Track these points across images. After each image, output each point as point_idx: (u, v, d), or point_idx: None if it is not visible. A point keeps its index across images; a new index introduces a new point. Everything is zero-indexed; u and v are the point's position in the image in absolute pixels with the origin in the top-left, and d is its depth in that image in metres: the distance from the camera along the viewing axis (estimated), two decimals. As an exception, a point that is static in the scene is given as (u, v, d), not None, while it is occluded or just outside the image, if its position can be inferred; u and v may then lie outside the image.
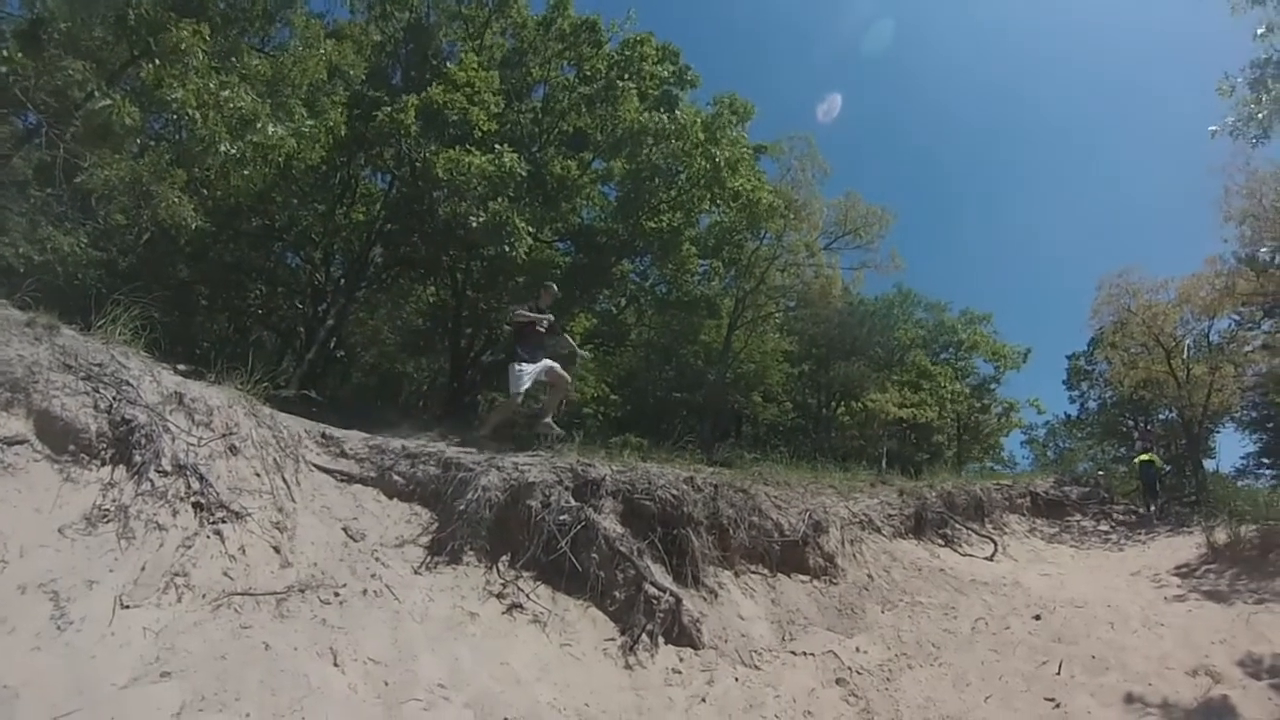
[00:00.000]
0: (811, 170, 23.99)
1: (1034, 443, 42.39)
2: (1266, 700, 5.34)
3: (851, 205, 25.41)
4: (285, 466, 5.81)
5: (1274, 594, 7.88)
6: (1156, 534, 13.02)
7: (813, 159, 24.06)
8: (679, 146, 15.65)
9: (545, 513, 6.47)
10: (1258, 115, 7.54)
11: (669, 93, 17.25)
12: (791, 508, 8.56)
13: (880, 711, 5.49)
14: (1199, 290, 20.17)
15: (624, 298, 19.38)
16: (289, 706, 3.60)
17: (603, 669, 5.38)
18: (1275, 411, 27.55)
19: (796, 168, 23.82)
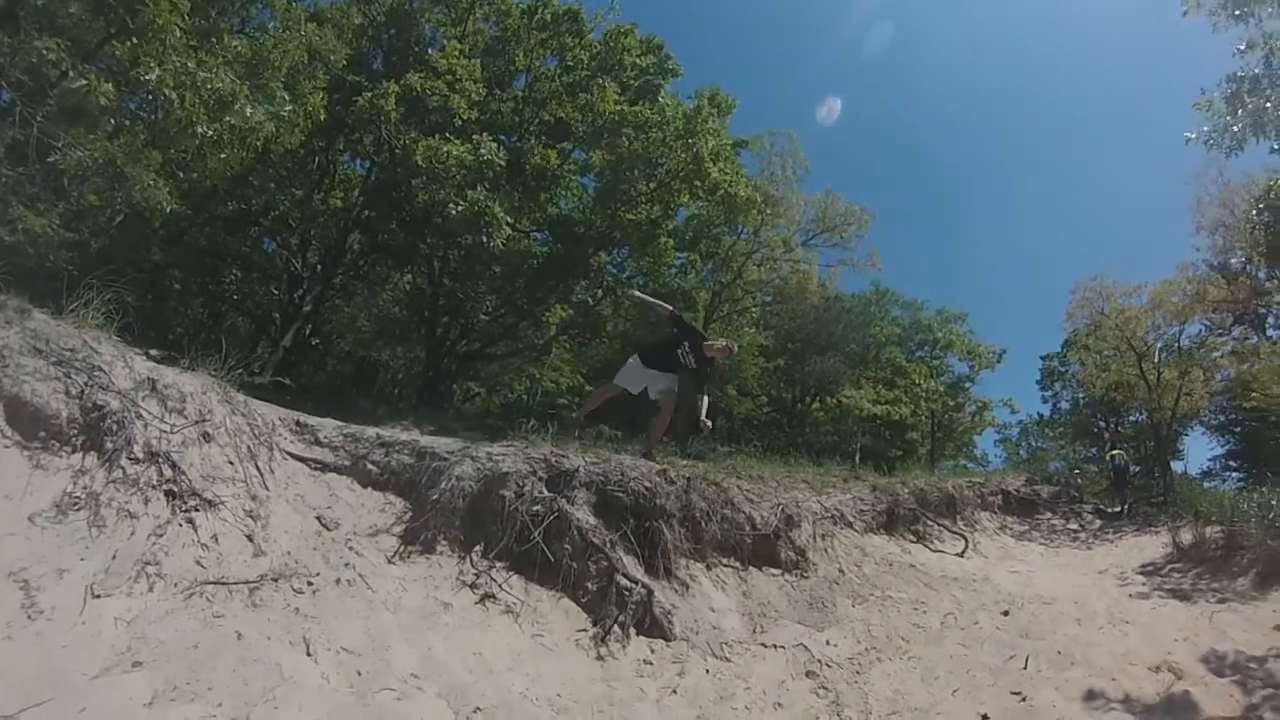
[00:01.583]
0: (792, 167, 24.05)
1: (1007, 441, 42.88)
2: (1228, 696, 5.47)
3: (830, 203, 25.50)
4: (259, 454, 5.77)
5: (1236, 593, 8.02)
6: (1124, 533, 13.22)
7: (793, 155, 24.11)
8: (659, 138, 15.66)
9: (519, 503, 6.48)
10: (1233, 127, 7.69)
11: (650, 82, 17.25)
12: (764, 501, 8.62)
13: (849, 704, 5.55)
14: (1171, 296, 20.55)
15: (600, 289, 19.39)
16: (261, 696, 3.59)
17: (574, 660, 5.41)
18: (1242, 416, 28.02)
19: (777, 163, 23.85)
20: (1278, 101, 7.46)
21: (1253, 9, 7.35)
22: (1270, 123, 7.51)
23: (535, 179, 16.68)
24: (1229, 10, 7.41)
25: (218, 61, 10.83)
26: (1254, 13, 7.36)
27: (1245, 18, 7.42)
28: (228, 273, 18.22)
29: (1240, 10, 7.37)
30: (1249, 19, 7.41)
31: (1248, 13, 7.37)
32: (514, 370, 25.24)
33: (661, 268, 18.64)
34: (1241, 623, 7.11)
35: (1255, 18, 7.40)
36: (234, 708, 3.47)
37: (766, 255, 22.63)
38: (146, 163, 10.34)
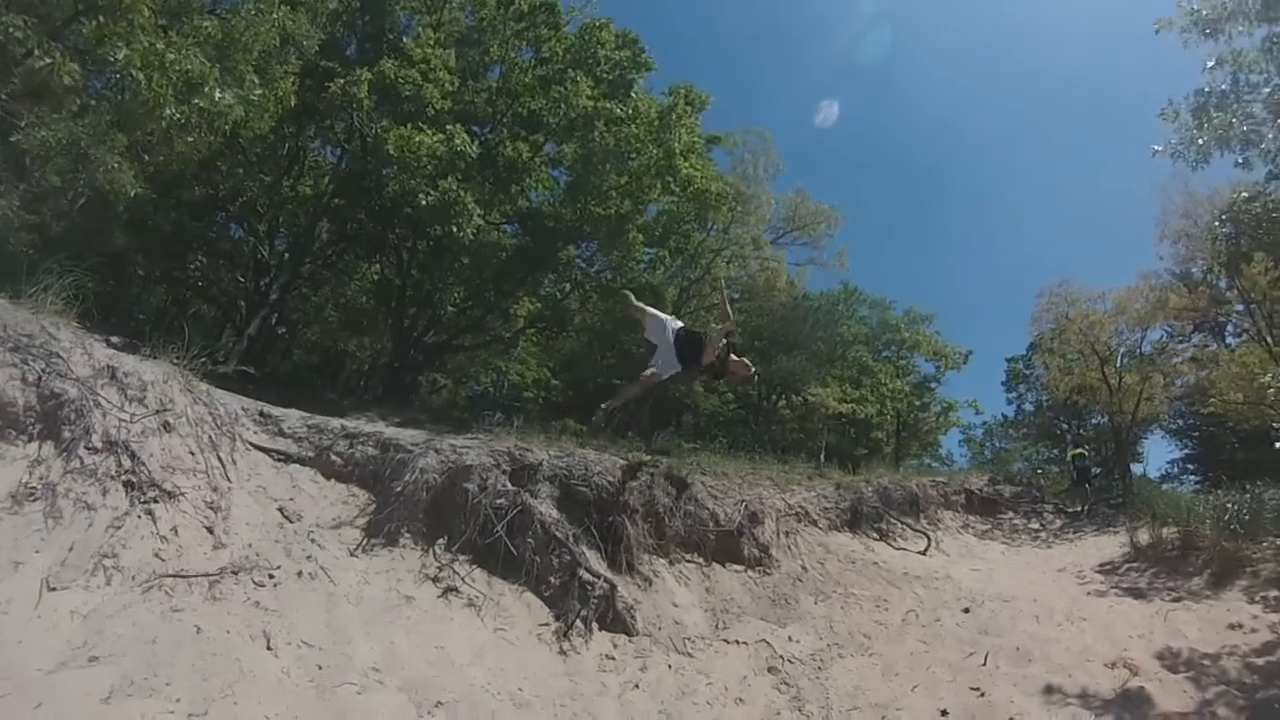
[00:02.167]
0: (764, 165, 24.14)
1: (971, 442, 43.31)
2: (1181, 693, 5.63)
3: (800, 202, 25.69)
4: (221, 445, 5.71)
5: (1191, 593, 8.19)
6: (1084, 533, 13.46)
7: (766, 154, 24.21)
8: (631, 133, 15.64)
9: (482, 496, 6.51)
10: (1198, 141, 7.86)
11: (624, 77, 17.20)
12: (728, 498, 8.69)
13: (810, 699, 5.64)
14: (1134, 303, 20.98)
15: (569, 283, 19.36)
16: (220, 691, 3.57)
17: (537, 654, 5.44)
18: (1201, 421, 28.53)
19: (749, 161, 23.94)
20: (1243, 117, 7.67)
21: (1223, 27, 7.53)
22: (1235, 137, 7.72)
23: (506, 171, 16.55)
24: (1199, 28, 7.59)
25: (187, 42, 10.60)
26: (1224, 30, 7.54)
27: (1215, 35, 7.60)
28: (193, 259, 17.77)
29: (1210, 29, 7.55)
30: (1219, 36, 7.60)
31: (1217, 30, 7.55)
32: (481, 363, 25.11)
33: (630, 262, 18.60)
34: (1196, 621, 7.28)
35: (1225, 35, 7.59)
36: (192, 702, 3.45)
37: (736, 252, 22.65)
38: (111, 144, 10.10)
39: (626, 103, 15.89)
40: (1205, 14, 7.60)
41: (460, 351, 21.64)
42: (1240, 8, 7.43)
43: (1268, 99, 7.62)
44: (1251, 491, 9.68)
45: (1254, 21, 7.44)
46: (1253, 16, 7.41)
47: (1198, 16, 7.60)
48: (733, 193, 19.36)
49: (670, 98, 17.54)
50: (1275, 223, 8.71)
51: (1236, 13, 7.45)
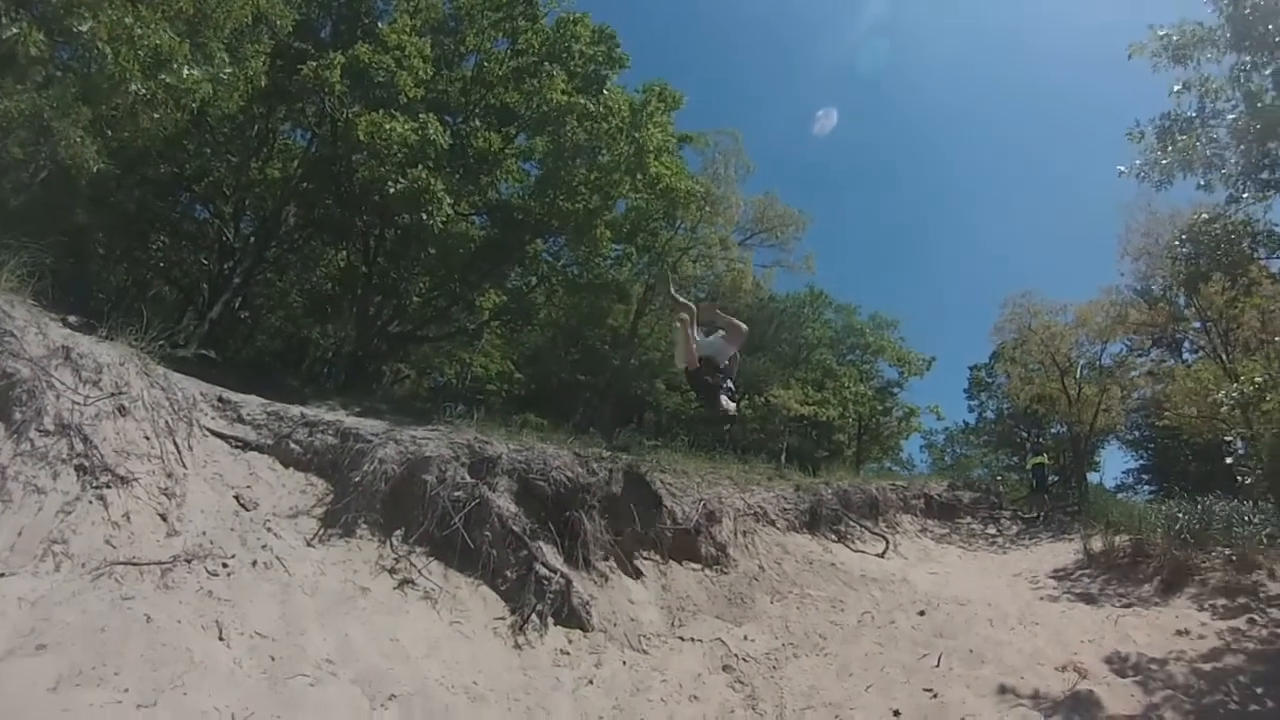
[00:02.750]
0: (734, 166, 24.14)
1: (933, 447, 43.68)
2: (1129, 696, 5.75)
3: (769, 204, 25.68)
4: (177, 430, 5.65)
5: (1141, 599, 8.37)
6: (1040, 539, 13.67)
7: (736, 155, 24.18)
8: (603, 128, 15.63)
9: (440, 488, 6.50)
10: (1162, 162, 8.04)
11: (597, 72, 17.14)
12: (686, 496, 8.74)
13: (765, 698, 5.70)
14: (1095, 316, 21.35)
15: (535, 276, 19.23)
16: (170, 681, 3.54)
17: (492, 648, 5.45)
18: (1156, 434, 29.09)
19: (720, 161, 23.90)
20: (1206, 142, 7.85)
21: (1192, 54, 7.71)
22: (1198, 160, 7.91)
23: (477, 162, 16.47)
24: (1169, 54, 7.76)
25: (156, 16, 10.39)
26: (1193, 57, 7.72)
27: (1184, 61, 7.77)
28: (155, 239, 17.45)
29: (1180, 55, 7.72)
30: (1187, 63, 7.77)
31: (1187, 57, 7.72)
32: (445, 354, 24.94)
33: (597, 258, 18.58)
34: (1145, 626, 7.43)
35: (1194, 61, 7.76)
36: (141, 693, 3.41)
37: (703, 252, 22.64)
38: (75, 118, 9.89)
39: (599, 98, 15.85)
40: (1176, 40, 7.77)
41: (424, 342, 21.49)
42: (1210, 36, 7.61)
43: (1231, 125, 7.80)
44: (1202, 503, 9.89)
45: (1223, 50, 7.62)
46: (1222, 45, 7.59)
47: (1169, 42, 7.75)
48: (702, 192, 19.38)
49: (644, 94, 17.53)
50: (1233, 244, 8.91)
51: (1206, 41, 7.62)
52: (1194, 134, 7.90)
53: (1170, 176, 8.17)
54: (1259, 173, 7.80)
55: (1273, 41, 7.18)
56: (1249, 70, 7.55)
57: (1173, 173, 8.12)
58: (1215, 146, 7.92)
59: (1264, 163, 7.74)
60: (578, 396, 25.70)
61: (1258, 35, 7.20)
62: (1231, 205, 8.56)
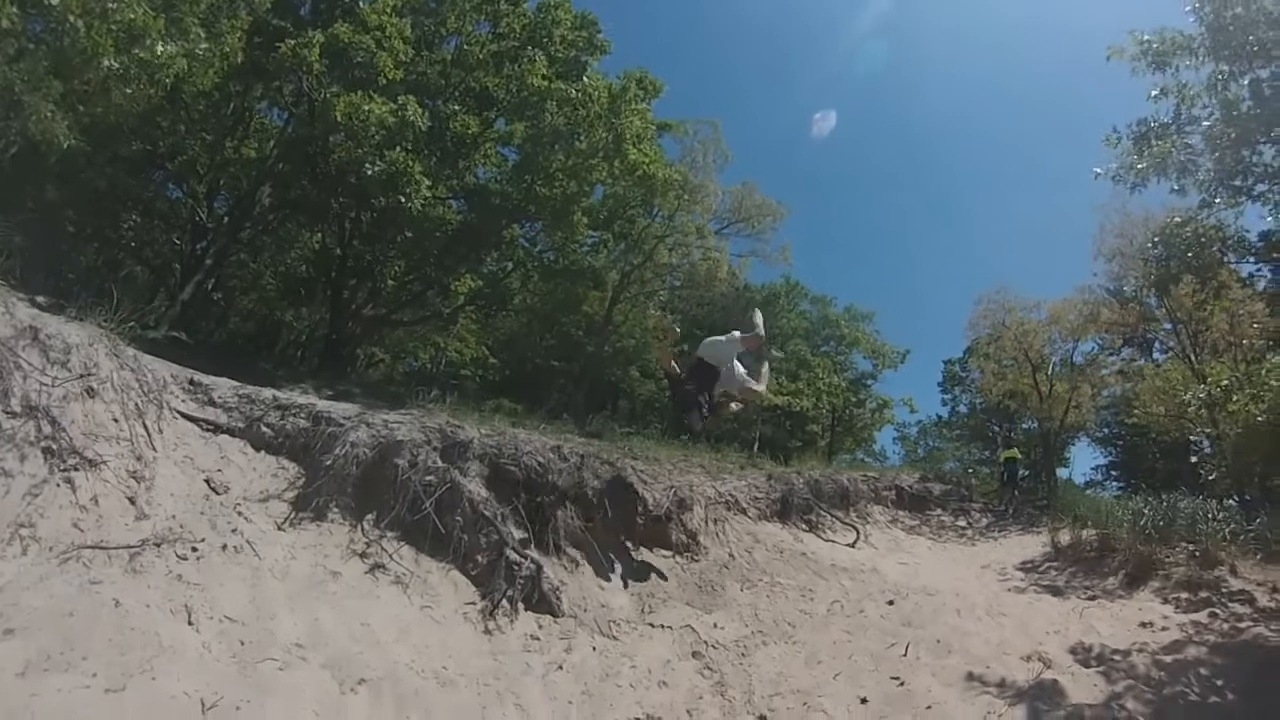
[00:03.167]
0: (713, 155, 24.20)
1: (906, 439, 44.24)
2: (1092, 686, 5.86)
3: (747, 194, 25.80)
4: (147, 412, 5.59)
5: (1106, 591, 8.50)
6: (1009, 532, 13.86)
7: (716, 144, 24.27)
8: (581, 115, 15.61)
9: (412, 472, 6.48)
10: (1138, 166, 8.16)
11: (578, 58, 17.09)
12: (658, 483, 8.76)
13: (733, 685, 5.75)
14: (1068, 314, 21.76)
15: (511, 262, 19.23)
16: (139, 666, 3.52)
17: (462, 633, 5.45)
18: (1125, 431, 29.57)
19: (698, 150, 23.96)
20: (1181, 147, 7.99)
21: (1171, 60, 7.82)
22: (1173, 166, 8.05)
23: (455, 145, 16.40)
24: (1148, 59, 7.86)
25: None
26: (1171, 63, 7.83)
27: (1163, 67, 7.88)
28: (127, 218, 17.20)
29: (1159, 60, 7.83)
30: (1165, 68, 7.88)
31: (1165, 63, 7.83)
32: (419, 338, 24.90)
33: (573, 244, 18.58)
34: (1109, 619, 7.56)
35: (1172, 68, 7.87)
36: (110, 678, 3.40)
37: (679, 240, 22.67)
38: (46, 92, 9.69)
39: (580, 84, 15.82)
40: (1155, 46, 7.87)
41: (399, 326, 21.42)
42: (1189, 44, 7.72)
43: (1206, 132, 7.93)
44: (1167, 500, 10.06)
45: (1201, 58, 7.73)
46: (1201, 53, 7.69)
47: (1148, 48, 7.85)
48: (680, 180, 19.41)
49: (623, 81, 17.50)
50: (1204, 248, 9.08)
51: (1185, 48, 7.73)
52: (1169, 139, 8.03)
53: (1145, 180, 8.31)
54: (1231, 179, 7.95)
55: (1251, 52, 7.31)
56: (1227, 79, 7.67)
57: (1148, 177, 8.26)
58: (1190, 152, 8.07)
59: (1237, 169, 7.88)
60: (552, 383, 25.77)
61: (1236, 45, 7.32)
62: (1204, 210, 8.71)
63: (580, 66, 16.97)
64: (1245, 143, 7.68)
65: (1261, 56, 7.35)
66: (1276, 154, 7.79)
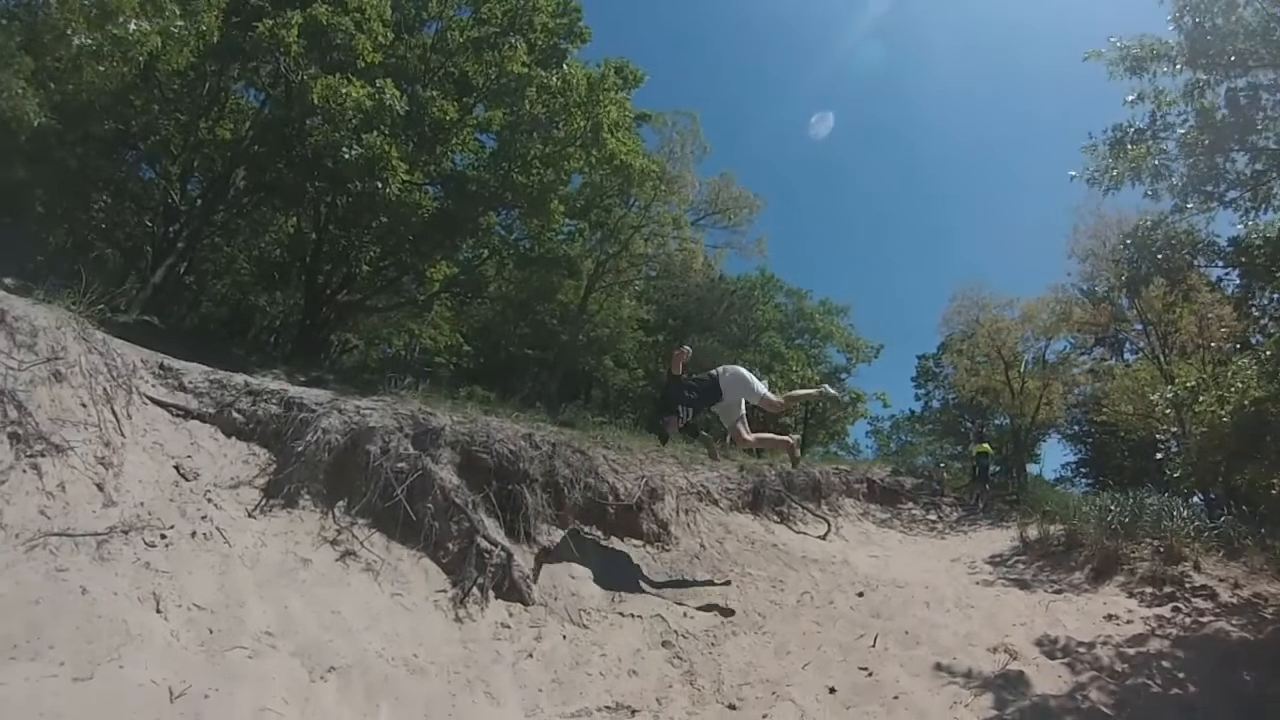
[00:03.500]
0: (691, 147, 24.22)
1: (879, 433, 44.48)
2: (1057, 677, 5.96)
3: (724, 186, 25.93)
4: (116, 397, 5.54)
5: (1072, 585, 8.65)
6: (979, 526, 13.99)
7: (694, 136, 24.28)
8: (560, 103, 15.56)
9: (384, 459, 6.49)
10: (1113, 170, 8.28)
11: (558, 46, 17.01)
12: (629, 473, 8.81)
13: (703, 674, 5.79)
14: (1041, 313, 22.02)
15: (487, 249, 19.13)
16: (106, 655, 3.51)
17: (432, 620, 5.47)
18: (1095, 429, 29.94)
19: (676, 141, 23.99)
20: (1156, 152, 8.10)
21: (1148, 66, 7.92)
22: (1147, 170, 8.15)
23: (433, 131, 16.25)
24: (1125, 64, 7.97)
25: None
26: (1149, 69, 7.93)
27: (1139, 71, 7.98)
28: (98, 199, 16.80)
29: (1136, 66, 7.94)
30: (1142, 73, 7.98)
31: (1143, 68, 7.93)
32: (394, 324, 24.71)
33: (549, 232, 18.54)
34: (1074, 612, 7.67)
35: (1149, 73, 7.97)
36: (77, 666, 3.38)
37: (655, 230, 22.62)
38: (17, 68, 9.54)
39: (559, 72, 15.75)
40: (1133, 51, 7.97)
41: (374, 312, 21.30)
42: (1166, 52, 7.82)
43: (1181, 139, 8.05)
44: (1133, 497, 10.23)
45: (1179, 66, 7.83)
46: (1178, 61, 7.80)
47: (1126, 53, 7.95)
48: (657, 170, 19.40)
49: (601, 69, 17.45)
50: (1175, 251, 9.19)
51: (1162, 55, 7.83)
52: (1145, 145, 8.14)
53: (1119, 184, 8.43)
54: (1204, 185, 8.06)
55: (1228, 61, 7.41)
56: (1203, 87, 7.78)
57: (1122, 180, 8.38)
58: (1164, 158, 8.18)
59: (1210, 175, 8.00)
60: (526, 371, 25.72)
61: (1214, 54, 7.43)
62: (1176, 214, 8.82)
63: (560, 54, 16.89)
64: (1219, 149, 7.80)
65: (1238, 66, 7.46)
66: (1249, 161, 7.90)
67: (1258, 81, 7.54)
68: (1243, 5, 7.28)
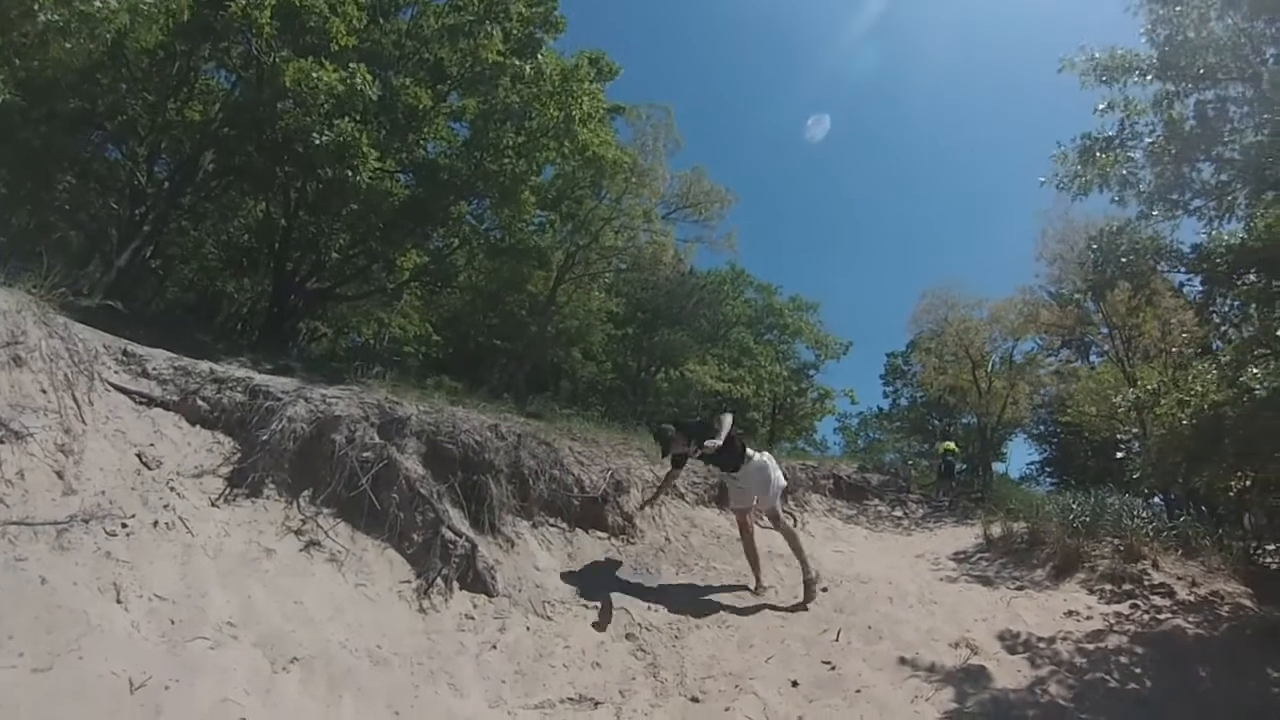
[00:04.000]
0: (664, 140, 24.25)
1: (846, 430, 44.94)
2: (1017, 671, 6.15)
3: (696, 180, 25.95)
4: (77, 384, 5.47)
5: (1034, 582, 8.84)
6: (944, 523, 14.16)
7: (668, 129, 24.31)
8: (532, 92, 15.49)
9: (349, 448, 6.46)
10: (1081, 177, 8.45)
11: (533, 35, 16.90)
12: (595, 465, 8.84)
13: (666, 666, 5.84)
14: (1009, 314, 22.34)
15: (457, 239, 18.97)
16: (66, 646, 3.49)
17: (396, 611, 5.48)
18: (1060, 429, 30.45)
19: (649, 134, 23.99)
20: (1124, 160, 8.26)
21: (1119, 76, 8.08)
22: (1114, 178, 8.33)
23: (406, 118, 16.06)
24: (1097, 73, 8.12)
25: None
26: (1119, 79, 8.09)
27: (1110, 81, 8.14)
28: (61, 179, 16.36)
29: (1108, 76, 8.09)
30: (1113, 83, 8.15)
31: (1113, 78, 8.09)
32: (363, 313, 24.47)
33: (520, 223, 18.47)
34: (1035, 608, 7.86)
35: (1120, 83, 8.13)
36: (36, 656, 3.36)
37: (625, 223, 22.59)
38: (-18, 44, 9.40)
39: (533, 62, 15.67)
40: (1104, 63, 8.12)
41: (343, 301, 21.05)
42: (1137, 63, 7.98)
43: (1148, 148, 8.22)
44: (1095, 496, 10.45)
45: (1149, 77, 7.99)
46: (1149, 73, 7.96)
47: (1098, 63, 8.09)
48: (629, 162, 19.39)
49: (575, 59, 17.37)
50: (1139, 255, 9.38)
51: (1133, 67, 7.99)
52: (1113, 153, 8.31)
53: (1087, 190, 8.61)
54: (1170, 193, 8.24)
55: (1197, 74, 7.58)
56: (1172, 98, 7.95)
57: (1090, 187, 8.56)
58: (1132, 166, 8.36)
59: (1176, 184, 8.17)
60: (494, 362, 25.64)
61: (1184, 67, 7.59)
62: (1142, 221, 9.01)
63: (535, 43, 16.75)
64: (1185, 159, 7.97)
65: (1208, 79, 7.64)
66: (1215, 172, 8.09)
67: (1226, 94, 7.72)
68: (1214, 20, 7.45)
